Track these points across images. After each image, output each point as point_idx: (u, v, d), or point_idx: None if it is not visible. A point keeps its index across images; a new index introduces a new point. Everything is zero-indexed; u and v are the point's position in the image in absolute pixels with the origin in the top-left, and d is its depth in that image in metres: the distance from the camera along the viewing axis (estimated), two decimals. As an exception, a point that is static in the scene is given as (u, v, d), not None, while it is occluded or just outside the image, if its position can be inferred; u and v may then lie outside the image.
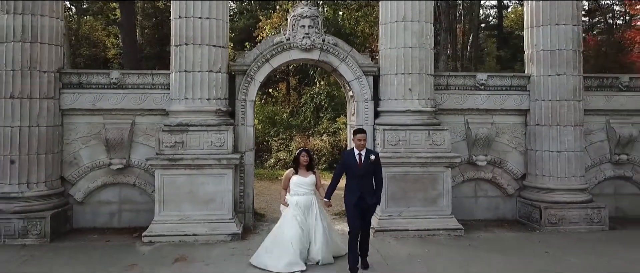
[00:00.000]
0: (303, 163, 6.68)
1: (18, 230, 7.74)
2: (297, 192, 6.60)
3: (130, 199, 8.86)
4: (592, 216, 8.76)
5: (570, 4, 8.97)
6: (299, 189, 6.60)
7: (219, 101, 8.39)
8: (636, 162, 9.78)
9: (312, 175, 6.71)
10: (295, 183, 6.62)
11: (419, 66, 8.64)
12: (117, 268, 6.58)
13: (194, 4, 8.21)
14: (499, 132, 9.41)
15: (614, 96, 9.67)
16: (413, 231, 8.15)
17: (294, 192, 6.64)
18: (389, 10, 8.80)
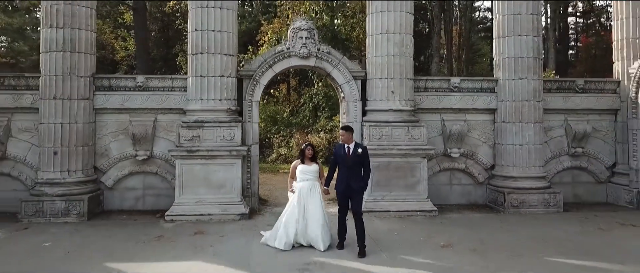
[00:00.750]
0: (308, 155, 7.79)
1: (61, 210, 9.21)
2: (303, 179, 7.67)
3: (153, 185, 10.33)
4: (549, 200, 10.22)
5: (531, 18, 10.42)
6: (304, 176, 7.74)
7: (229, 101, 9.86)
8: (590, 154, 11.24)
9: (315, 165, 7.83)
10: (301, 171, 7.72)
11: (400, 71, 10.10)
12: (148, 238, 8.05)
13: (207, 20, 9.68)
14: (471, 128, 10.87)
15: (571, 97, 11.13)
16: (394, 212, 9.61)
17: (300, 179, 7.73)
18: (375, 23, 10.27)
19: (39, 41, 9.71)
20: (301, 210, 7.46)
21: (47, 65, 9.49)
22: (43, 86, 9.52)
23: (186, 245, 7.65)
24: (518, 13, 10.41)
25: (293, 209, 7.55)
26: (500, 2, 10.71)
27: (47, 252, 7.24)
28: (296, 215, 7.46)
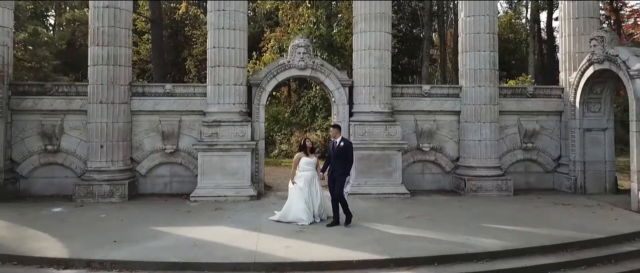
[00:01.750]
0: (309, 146, 9.96)
1: (107, 192, 11.52)
2: (305, 169, 9.54)
3: (178, 174, 12.63)
4: (501, 185, 12.50)
5: (488, 36, 12.69)
6: (306, 167, 9.59)
7: (241, 105, 12.16)
8: (540, 148, 13.51)
9: (314, 157, 10.02)
10: (304, 162, 9.56)
11: (380, 80, 12.40)
12: (179, 212, 10.36)
13: (223, 39, 11.98)
14: (439, 127, 13.16)
15: (523, 101, 13.41)
16: (374, 194, 11.89)
17: (303, 169, 9.59)
18: (359, 41, 12.58)
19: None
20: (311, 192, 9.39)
21: (94, 76, 11.80)
22: (91, 93, 11.83)
23: (210, 216, 9.95)
24: (477, 32, 12.69)
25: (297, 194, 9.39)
26: (462, 21, 13.00)
27: (106, 221, 9.55)
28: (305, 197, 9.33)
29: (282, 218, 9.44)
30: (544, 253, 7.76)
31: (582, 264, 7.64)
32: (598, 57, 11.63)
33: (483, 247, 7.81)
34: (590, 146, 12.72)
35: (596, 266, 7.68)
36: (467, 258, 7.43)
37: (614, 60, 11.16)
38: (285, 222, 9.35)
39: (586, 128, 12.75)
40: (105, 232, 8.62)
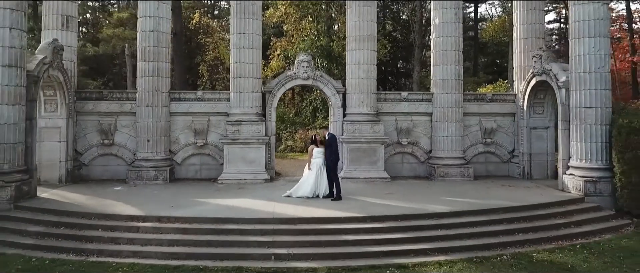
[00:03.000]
0: (319, 140, 13.09)
1: (152, 176, 14.74)
2: (317, 156, 12.57)
3: (206, 163, 15.83)
4: (464, 172, 15.68)
5: (454, 53, 15.87)
6: (317, 154, 12.63)
7: (257, 108, 15.38)
8: (497, 143, 16.68)
9: (322, 147, 13.12)
10: (316, 151, 12.54)
11: (367, 88, 15.61)
12: (211, 190, 13.58)
13: (243, 56, 15.19)
14: (415, 125, 16.35)
15: (483, 104, 16.60)
16: (362, 178, 15.07)
17: (315, 157, 12.62)
18: (351, 57, 15.81)
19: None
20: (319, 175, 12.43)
21: (142, 85, 15.03)
22: (139, 99, 15.06)
23: (235, 193, 13.18)
24: (445, 50, 15.87)
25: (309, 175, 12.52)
26: (434, 40, 16.20)
27: (159, 195, 12.78)
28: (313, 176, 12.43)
29: (293, 194, 12.59)
30: (477, 214, 10.99)
31: (504, 221, 10.87)
32: (538, 70, 14.82)
33: (434, 210, 11.05)
34: (535, 141, 15.91)
35: (514, 223, 10.88)
36: (420, 217, 10.66)
37: (549, 73, 14.35)
38: (294, 196, 12.48)
39: (532, 126, 15.94)
40: (162, 201, 11.85)
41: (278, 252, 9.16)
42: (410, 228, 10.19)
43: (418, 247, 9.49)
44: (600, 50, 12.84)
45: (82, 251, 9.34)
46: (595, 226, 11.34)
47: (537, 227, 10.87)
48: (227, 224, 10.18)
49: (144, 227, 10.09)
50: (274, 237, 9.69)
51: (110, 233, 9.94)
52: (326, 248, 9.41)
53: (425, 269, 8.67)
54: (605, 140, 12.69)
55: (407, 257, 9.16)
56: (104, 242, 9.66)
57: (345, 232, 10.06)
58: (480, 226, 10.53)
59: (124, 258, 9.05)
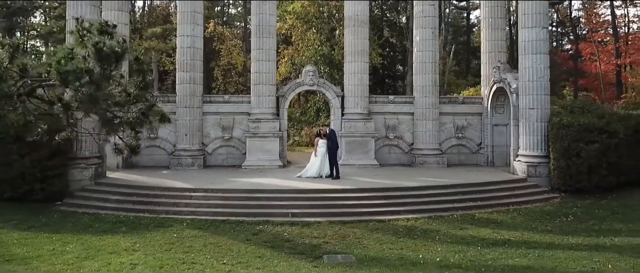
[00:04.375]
0: (323, 133, 16.94)
1: (189, 163, 18.54)
2: (321, 146, 16.55)
3: (231, 153, 19.63)
4: (439, 161, 19.44)
5: (432, 65, 19.62)
6: (322, 145, 16.57)
7: (272, 108, 19.18)
8: (467, 137, 20.43)
9: (325, 139, 16.90)
10: (320, 143, 16.43)
11: (361, 93, 19.39)
12: (238, 173, 17.38)
13: (261, 68, 18.98)
14: (400, 123, 20.11)
15: (456, 106, 20.37)
16: (357, 165, 18.83)
17: (320, 147, 16.61)
18: (348, 67, 19.58)
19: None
20: (322, 161, 16.33)
21: (181, 91, 18.84)
22: (178, 101, 18.86)
23: (257, 174, 16.98)
24: (424, 62, 19.62)
25: (316, 161, 16.45)
26: (415, 54, 19.95)
27: (199, 176, 16.59)
28: (318, 161, 16.37)
29: (302, 175, 16.40)
30: (440, 188, 14.78)
31: (459, 194, 14.64)
32: (497, 79, 18.59)
33: (408, 185, 14.84)
34: (497, 136, 19.67)
35: (467, 194, 14.63)
36: (396, 189, 14.45)
37: (505, 81, 18.11)
38: (304, 177, 16.29)
39: (495, 124, 19.71)
40: (203, 180, 15.66)
41: (294, 211, 12.95)
42: (388, 197, 13.98)
43: (393, 209, 13.28)
44: (541, 64, 16.58)
45: (154, 211, 13.16)
46: (530, 198, 15.08)
47: (484, 197, 14.65)
48: (256, 193, 14.00)
49: (195, 195, 13.91)
50: (290, 202, 13.50)
51: (172, 199, 13.76)
52: (327, 209, 13.20)
53: (396, 223, 12.44)
54: (544, 134, 16.42)
55: (385, 215, 12.94)
56: (168, 205, 13.47)
57: (341, 199, 13.87)
58: (440, 196, 14.32)
59: (185, 216, 12.86)
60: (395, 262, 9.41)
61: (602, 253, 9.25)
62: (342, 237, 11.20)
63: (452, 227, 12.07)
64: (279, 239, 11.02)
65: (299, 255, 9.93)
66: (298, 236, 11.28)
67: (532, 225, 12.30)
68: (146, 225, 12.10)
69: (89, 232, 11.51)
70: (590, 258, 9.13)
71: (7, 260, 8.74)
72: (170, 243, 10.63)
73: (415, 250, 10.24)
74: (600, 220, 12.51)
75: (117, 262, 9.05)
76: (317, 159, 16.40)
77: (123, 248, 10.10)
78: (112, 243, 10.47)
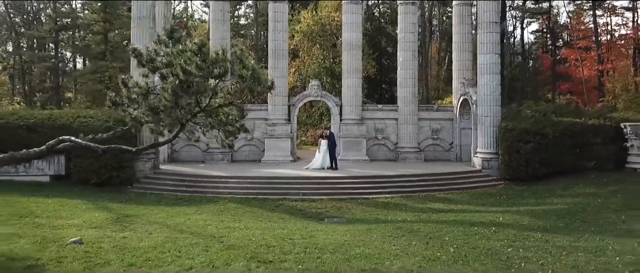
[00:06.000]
0: (325, 135, 21.94)
1: (219, 158, 23.58)
2: (323, 145, 21.49)
3: (253, 150, 24.64)
4: (418, 157, 24.42)
5: (413, 81, 24.57)
6: (323, 144, 21.60)
7: (285, 114, 24.19)
8: (441, 138, 25.37)
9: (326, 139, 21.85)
10: (323, 142, 21.42)
11: (355, 103, 24.39)
12: (259, 166, 22.42)
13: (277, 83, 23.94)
14: (387, 126, 25.08)
15: (432, 113, 25.35)
16: (352, 160, 23.80)
17: (322, 145, 21.58)
18: (345, 81, 24.59)
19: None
20: (324, 156, 21.40)
21: (213, 101, 23.87)
22: (211, 109, 23.89)
23: (273, 167, 21.99)
24: (406, 78, 24.59)
25: (319, 156, 21.49)
26: (399, 71, 24.89)
27: (229, 168, 21.59)
28: (321, 156, 21.42)
29: (309, 167, 21.43)
30: (411, 176, 19.75)
31: (427, 180, 19.59)
32: (462, 92, 23.54)
33: (389, 174, 19.82)
34: (464, 137, 24.62)
35: (432, 181, 19.58)
36: (380, 177, 19.45)
37: (468, 94, 23.07)
38: (311, 168, 21.31)
39: (462, 127, 24.66)
40: (233, 170, 20.67)
41: (304, 191, 17.92)
42: (373, 183, 18.96)
43: (376, 191, 18.25)
44: (493, 82, 21.50)
45: (202, 192, 18.16)
46: (481, 184, 20.02)
47: (446, 183, 19.59)
48: (275, 180, 19.02)
49: (230, 181, 18.92)
50: (301, 185, 18.49)
51: (214, 184, 18.77)
52: (328, 191, 18.17)
53: (377, 199, 17.38)
54: (495, 136, 21.33)
55: (370, 195, 17.90)
56: (212, 188, 18.47)
57: (338, 184, 18.87)
58: (412, 182, 19.29)
59: (225, 195, 17.83)
60: (372, 221, 14.35)
61: (503, 214, 14.13)
62: (338, 208, 16.17)
63: (416, 202, 17.04)
64: (294, 209, 15.99)
65: (308, 219, 14.86)
66: (307, 208, 16.25)
67: (473, 201, 17.24)
68: (199, 201, 17.08)
69: (161, 204, 16.50)
70: (494, 216, 13.96)
71: (126, 215, 13.70)
72: (220, 211, 15.58)
73: (386, 215, 15.18)
74: (522, 198, 17.43)
75: (192, 218, 14.00)
76: (320, 155, 21.40)
77: (190, 213, 15.06)
78: (181, 211, 15.44)
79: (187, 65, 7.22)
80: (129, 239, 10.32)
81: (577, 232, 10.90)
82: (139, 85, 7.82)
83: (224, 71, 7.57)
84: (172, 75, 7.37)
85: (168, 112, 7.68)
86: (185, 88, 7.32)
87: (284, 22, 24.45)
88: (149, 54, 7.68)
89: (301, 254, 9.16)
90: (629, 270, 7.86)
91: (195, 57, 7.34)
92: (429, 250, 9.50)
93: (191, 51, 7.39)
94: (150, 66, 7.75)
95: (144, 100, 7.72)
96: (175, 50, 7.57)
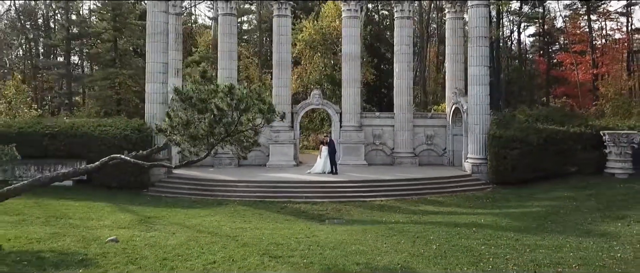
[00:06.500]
0: (325, 141, 23.58)
1: (227, 163, 25.21)
2: (324, 151, 23.14)
3: (258, 155, 26.23)
4: (413, 161, 26.04)
5: (408, 89, 26.20)
6: (324, 150, 23.26)
7: (288, 122, 25.81)
8: (435, 144, 26.98)
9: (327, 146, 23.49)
10: (324, 148, 23.10)
11: (354, 110, 26.03)
12: (264, 170, 24.06)
13: (280, 92, 25.63)
14: (384, 133, 26.70)
15: (426, 120, 26.98)
16: (351, 164, 25.43)
17: (323, 151, 23.19)
18: (345, 91, 26.23)
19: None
20: (325, 161, 23.04)
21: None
22: (219, 117, 25.58)
23: (278, 171, 23.63)
24: (401, 87, 26.21)
25: (320, 161, 23.13)
26: (395, 81, 26.52)
27: (237, 173, 23.24)
28: (322, 162, 23.07)
29: (311, 171, 23.07)
30: (408, 181, 21.38)
31: (420, 184, 21.22)
32: (454, 101, 25.17)
33: (385, 178, 21.46)
34: (456, 143, 26.24)
35: (425, 185, 21.22)
36: (377, 181, 21.09)
37: (459, 103, 24.69)
38: (312, 173, 22.95)
39: (454, 134, 26.29)
40: (241, 175, 22.31)
41: (307, 195, 19.55)
42: (370, 186, 20.60)
43: (373, 194, 19.87)
44: (482, 93, 23.13)
45: (213, 195, 19.80)
46: (471, 188, 21.64)
47: (437, 186, 21.23)
48: (281, 184, 20.67)
49: (239, 185, 20.57)
50: (304, 189, 20.13)
51: (224, 187, 20.42)
52: (329, 194, 19.80)
53: (373, 202, 19.00)
54: (484, 142, 22.95)
55: (367, 198, 19.52)
56: (222, 191, 20.12)
57: (338, 188, 20.51)
58: (406, 186, 20.92)
59: (235, 198, 19.47)
60: (368, 222, 15.98)
61: (485, 216, 15.73)
62: (338, 210, 17.80)
63: (409, 205, 18.67)
64: (298, 211, 17.62)
65: (311, 220, 16.50)
66: (310, 210, 17.88)
67: (462, 204, 18.86)
68: (211, 203, 18.73)
69: (177, 206, 18.15)
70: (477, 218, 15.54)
71: (148, 217, 15.34)
72: (231, 213, 17.22)
73: (381, 216, 16.80)
74: (506, 201, 19.05)
75: (207, 220, 15.63)
76: (321, 160, 23.05)
77: (205, 215, 16.69)
78: (196, 213, 17.08)
79: (220, 103, 8.88)
80: (156, 238, 11.96)
81: (545, 232, 12.52)
82: (180, 117, 9.47)
83: (248, 107, 9.18)
84: (207, 110, 9.02)
85: (204, 139, 9.31)
86: (218, 120, 8.96)
87: (288, 35, 26.10)
88: (187, 93, 9.32)
89: (306, 251, 10.80)
90: (577, 263, 9.48)
91: (226, 97, 9.01)
92: (415, 247, 11.13)
93: (223, 92, 9.08)
94: (188, 103, 9.39)
95: (185, 129, 9.34)
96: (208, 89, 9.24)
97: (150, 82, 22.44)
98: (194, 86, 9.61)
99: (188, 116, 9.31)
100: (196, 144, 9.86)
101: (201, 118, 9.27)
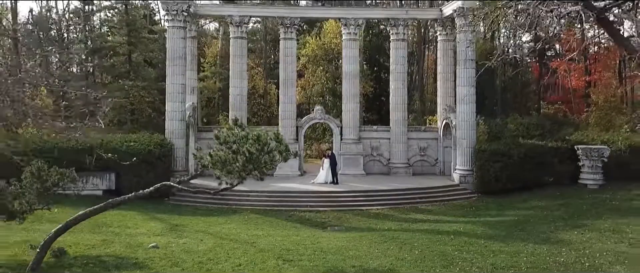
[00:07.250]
0: (327, 155, 26.08)
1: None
2: (325, 163, 25.72)
3: (265, 165, 28.79)
4: (408, 171, 28.52)
5: (402, 105, 28.70)
6: (326, 162, 25.87)
7: (293, 134, 28.33)
8: (428, 154, 29.43)
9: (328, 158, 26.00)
10: (325, 160, 25.68)
11: (353, 124, 28.54)
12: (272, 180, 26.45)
13: (286, 108, 28.14)
14: (381, 145, 29.19)
15: (420, 133, 29.49)
16: (350, 174, 27.88)
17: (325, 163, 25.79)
18: (345, 106, 28.74)
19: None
20: (327, 172, 25.53)
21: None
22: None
23: (285, 181, 26.15)
24: (397, 103, 28.70)
25: (323, 172, 25.65)
26: (391, 98, 29.02)
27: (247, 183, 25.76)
28: (325, 173, 25.58)
29: (315, 181, 25.59)
30: (401, 191, 23.89)
31: (412, 194, 23.73)
32: (445, 116, 27.67)
33: (381, 188, 23.99)
34: (447, 154, 28.72)
35: (417, 194, 23.72)
36: (373, 191, 23.65)
37: (449, 118, 27.18)
38: (316, 183, 25.47)
39: (445, 146, 28.79)
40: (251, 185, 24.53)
41: (311, 204, 22.06)
42: (367, 196, 23.11)
43: (369, 203, 22.38)
44: (469, 110, 25.60)
45: (228, 204, 22.30)
46: (458, 197, 24.12)
47: (428, 196, 23.73)
48: (288, 194, 23.21)
49: (251, 194, 23.07)
50: (309, 199, 22.65)
51: (237, 197, 22.89)
52: (331, 203, 22.31)
53: (370, 210, 21.49)
54: (471, 155, 25.42)
55: (364, 206, 22.01)
56: (236, 201, 22.60)
57: (339, 197, 23.03)
58: (400, 195, 23.43)
59: (247, 207, 21.98)
60: (365, 229, 18.47)
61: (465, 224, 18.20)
62: (338, 218, 20.30)
63: (401, 213, 21.17)
64: (303, 219, 20.13)
65: (315, 227, 18.99)
66: (314, 218, 20.39)
67: (448, 212, 21.35)
68: (226, 212, 21.24)
69: (197, 214, 20.67)
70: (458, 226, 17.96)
71: (175, 225, 17.84)
72: (245, 221, 19.72)
73: (376, 224, 19.28)
74: (488, 209, 21.53)
75: (226, 227, 18.11)
76: (323, 171, 25.58)
77: (223, 222, 19.19)
78: (215, 221, 19.57)
79: (251, 148, 11.43)
80: (189, 244, 14.49)
81: (511, 239, 15.01)
82: (219, 155, 12.01)
83: (271, 149, 11.73)
84: (241, 152, 11.57)
85: (238, 174, 11.85)
86: (249, 159, 11.50)
87: (293, 56, 28.66)
88: (225, 138, 11.90)
89: (312, 255, 13.30)
90: (526, 266, 11.97)
91: (255, 143, 11.55)
92: (401, 252, 13.63)
93: (252, 138, 11.62)
94: (226, 146, 11.93)
95: (224, 166, 11.89)
96: (241, 134, 11.82)
97: (170, 101, 25.00)
98: (229, 132, 12.12)
99: (225, 155, 11.80)
100: (231, 177, 12.38)
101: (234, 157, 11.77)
